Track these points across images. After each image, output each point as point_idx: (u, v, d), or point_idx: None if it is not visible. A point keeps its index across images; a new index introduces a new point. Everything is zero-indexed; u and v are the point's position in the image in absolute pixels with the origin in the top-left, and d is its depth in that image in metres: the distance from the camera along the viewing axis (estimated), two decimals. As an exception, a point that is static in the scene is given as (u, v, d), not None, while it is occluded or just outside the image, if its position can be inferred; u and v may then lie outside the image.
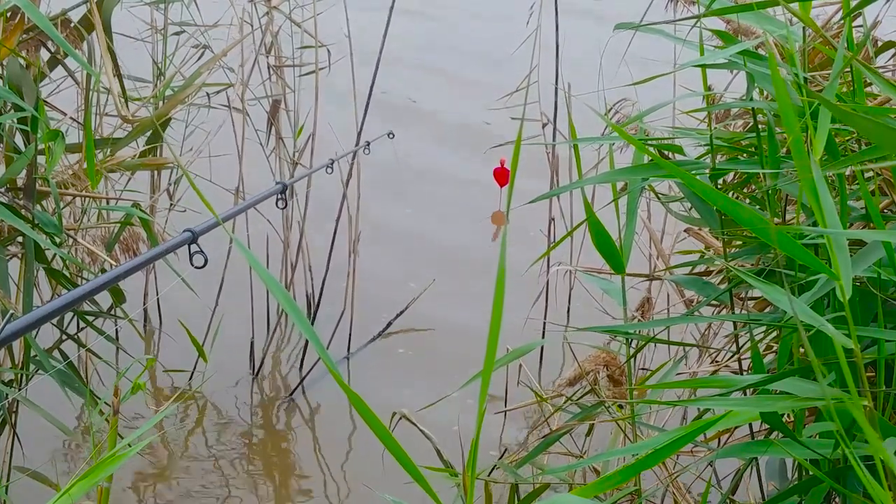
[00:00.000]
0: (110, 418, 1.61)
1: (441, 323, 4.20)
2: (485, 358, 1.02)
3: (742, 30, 1.79)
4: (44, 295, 3.09)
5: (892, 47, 2.09)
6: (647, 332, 2.05)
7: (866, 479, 1.04)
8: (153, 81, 3.59)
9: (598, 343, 2.32)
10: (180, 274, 2.01)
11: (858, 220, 1.70)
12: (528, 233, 3.83)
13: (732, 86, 2.82)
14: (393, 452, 1.05)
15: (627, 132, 1.98)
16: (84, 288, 1.61)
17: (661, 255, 2.60)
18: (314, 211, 3.91)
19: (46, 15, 2.43)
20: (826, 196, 1.19)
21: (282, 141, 3.79)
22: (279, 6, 3.66)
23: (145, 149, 3.14)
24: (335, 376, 1.04)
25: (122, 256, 3.00)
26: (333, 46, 3.74)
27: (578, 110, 2.07)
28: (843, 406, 1.17)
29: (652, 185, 2.04)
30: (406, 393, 3.62)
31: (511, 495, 2.06)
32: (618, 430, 2.17)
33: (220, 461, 3.38)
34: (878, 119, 1.28)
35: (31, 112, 2.32)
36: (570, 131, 1.99)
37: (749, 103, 1.81)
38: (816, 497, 1.46)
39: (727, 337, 2.28)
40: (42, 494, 2.47)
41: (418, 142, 5.82)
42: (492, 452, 3.01)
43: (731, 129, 2.17)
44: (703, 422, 1.31)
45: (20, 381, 2.62)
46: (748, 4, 1.56)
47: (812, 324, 1.20)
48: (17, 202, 2.47)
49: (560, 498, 1.12)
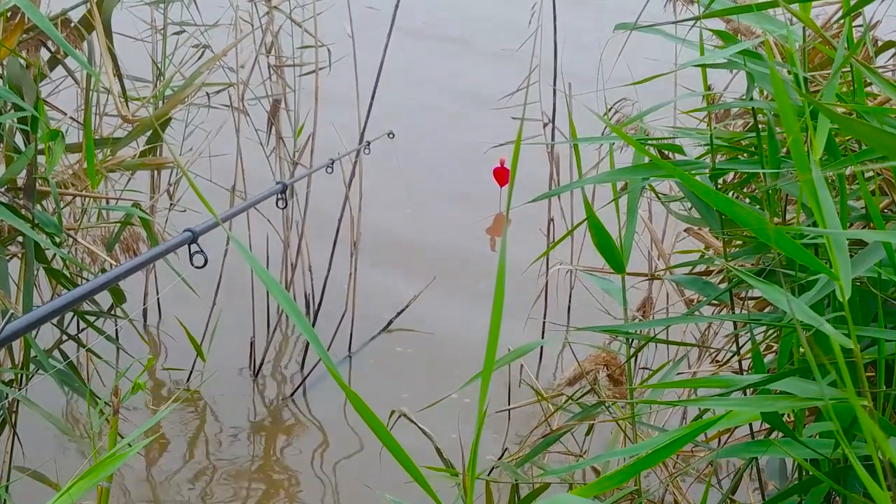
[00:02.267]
0: (110, 418, 1.61)
1: (441, 323, 4.20)
2: (485, 358, 1.02)
3: (742, 29, 1.79)
4: (44, 295, 3.09)
5: (892, 47, 2.09)
6: (647, 332, 2.05)
7: (866, 479, 1.04)
8: (153, 81, 3.59)
9: (599, 343, 2.32)
10: (180, 274, 2.01)
11: (858, 220, 1.70)
12: (528, 233, 3.82)
13: (732, 85, 2.82)
14: (393, 452, 1.05)
15: (627, 132, 1.98)
16: (84, 288, 1.60)
17: (661, 254, 2.60)
18: (314, 211, 3.91)
19: (46, 15, 2.42)
20: (826, 196, 1.19)
21: (282, 141, 3.79)
22: (279, 6, 3.66)
23: (145, 149, 3.14)
24: (335, 376, 1.04)
25: (122, 256, 3.00)
26: (333, 46, 3.74)
27: (579, 110, 2.07)
28: (843, 406, 1.17)
29: (652, 184, 2.04)
30: (406, 393, 3.62)
31: (511, 495, 2.06)
32: (618, 430, 2.17)
33: (219, 461, 3.38)
34: (873, 124, 1.28)
35: (31, 112, 2.32)
36: (571, 131, 1.99)
37: (749, 103, 1.81)
38: (816, 497, 1.46)
39: (727, 337, 2.28)
40: (42, 494, 2.47)
41: (418, 141, 5.83)
42: (488, 457, 3.01)
43: (731, 128, 2.17)
44: (703, 422, 1.30)
45: (20, 380, 2.62)
46: (748, 6, 1.56)
47: (812, 324, 1.20)
48: (17, 202, 2.47)
49: (560, 498, 1.12)
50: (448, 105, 6.77)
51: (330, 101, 3.82)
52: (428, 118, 6.53)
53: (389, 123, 4.21)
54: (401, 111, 5.78)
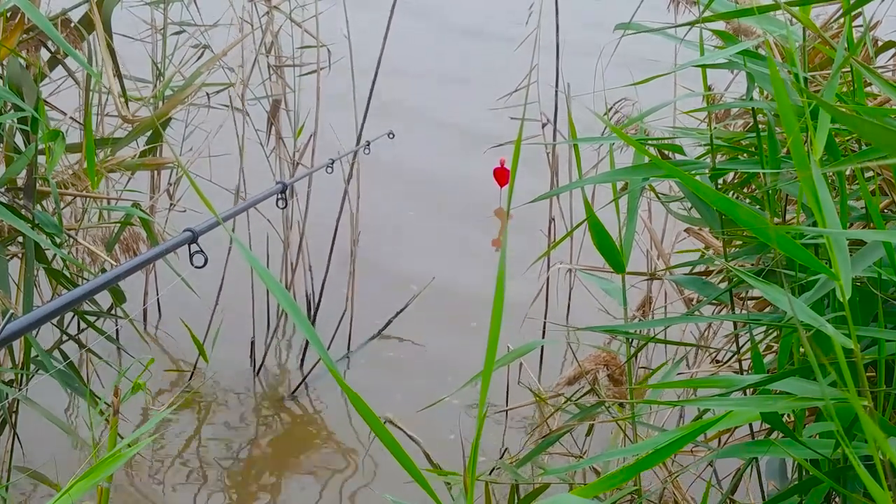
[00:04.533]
0: (110, 418, 1.61)
1: (442, 323, 4.21)
2: (485, 358, 1.02)
3: (742, 29, 1.79)
4: (44, 295, 3.09)
5: (892, 47, 2.09)
6: (647, 332, 2.05)
7: (867, 479, 1.04)
8: (153, 81, 3.59)
9: (598, 343, 2.32)
10: (180, 273, 2.01)
11: (858, 220, 1.70)
12: (528, 232, 3.82)
13: (732, 86, 2.82)
14: (393, 452, 1.05)
15: (627, 132, 1.98)
16: (84, 288, 1.60)
17: (661, 254, 2.60)
18: (315, 211, 3.91)
19: (46, 15, 2.43)
20: (826, 196, 1.19)
21: (282, 141, 3.79)
22: (279, 6, 3.66)
23: (145, 149, 3.14)
24: (335, 376, 1.04)
25: (122, 256, 3.00)
26: (333, 46, 3.74)
27: (579, 109, 2.07)
28: (844, 406, 1.17)
29: (652, 184, 2.04)
30: (406, 394, 3.62)
31: (511, 495, 2.06)
32: (618, 430, 2.17)
33: (219, 461, 3.38)
34: (877, 120, 1.28)
35: (31, 112, 2.32)
36: (570, 131, 1.99)
37: (749, 103, 1.81)
38: (816, 497, 1.46)
39: (727, 337, 2.28)
40: (42, 494, 2.48)
41: (418, 141, 5.82)
42: (482, 459, 3.01)
43: (731, 129, 2.17)
44: (703, 422, 1.30)
45: (20, 381, 2.62)
46: (748, 8, 1.56)
47: (812, 324, 1.20)
48: (17, 202, 2.47)
49: (560, 498, 1.12)
50: (448, 106, 6.78)
51: (330, 102, 3.82)
52: (428, 118, 6.52)
53: (390, 123, 4.21)
54: (400, 112, 5.78)
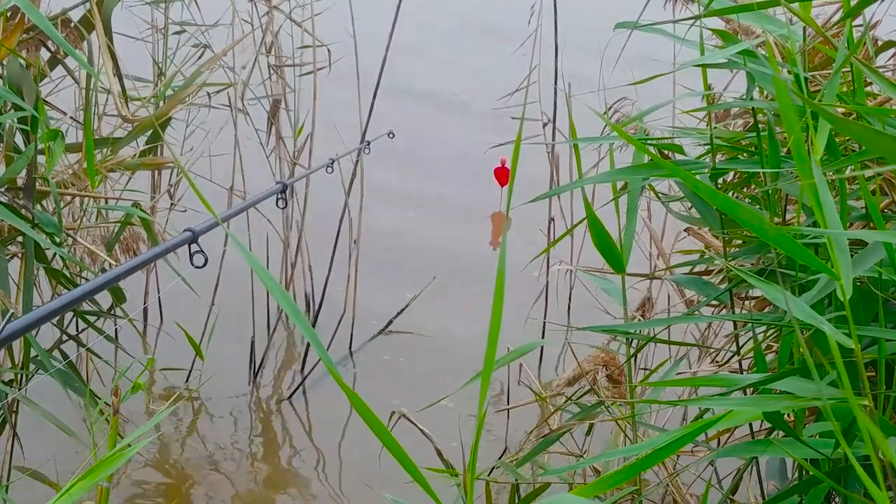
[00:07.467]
0: (110, 418, 1.61)
1: (441, 323, 4.20)
2: (485, 358, 1.02)
3: (742, 29, 1.79)
4: (44, 295, 3.09)
5: (892, 47, 2.09)
6: (647, 332, 2.05)
7: (866, 479, 1.04)
8: (153, 81, 3.58)
9: (598, 343, 2.31)
10: (180, 273, 2.01)
11: (859, 220, 1.69)
12: (528, 232, 3.82)
13: (732, 85, 2.82)
14: (393, 452, 1.05)
15: (627, 131, 1.97)
16: (84, 288, 1.60)
17: (661, 254, 2.60)
18: (315, 211, 3.91)
19: (46, 14, 2.42)
20: (826, 196, 1.19)
21: (282, 141, 3.79)
22: (279, 6, 3.66)
23: (145, 149, 3.14)
24: (335, 377, 1.04)
25: (122, 256, 2.99)
26: (334, 46, 3.74)
27: (579, 109, 2.07)
28: (843, 406, 1.17)
29: (652, 184, 2.03)
30: (406, 394, 3.62)
31: (511, 495, 2.06)
32: (618, 430, 2.17)
33: (218, 461, 3.38)
34: (873, 125, 1.28)
35: (31, 112, 2.32)
36: (571, 131, 1.99)
37: (749, 103, 1.81)
38: (816, 497, 1.46)
39: (727, 337, 2.28)
40: (42, 494, 2.47)
41: (419, 141, 5.82)
42: (479, 461, 3.01)
43: (731, 128, 2.17)
44: (704, 422, 1.30)
45: (20, 380, 2.61)
46: (748, 4, 1.56)
47: (812, 323, 1.20)
48: (17, 202, 2.47)
49: (560, 498, 1.12)
50: (449, 104, 6.77)
51: (330, 101, 3.83)
52: (429, 117, 6.52)
53: (390, 123, 4.21)
54: (401, 111, 5.78)
